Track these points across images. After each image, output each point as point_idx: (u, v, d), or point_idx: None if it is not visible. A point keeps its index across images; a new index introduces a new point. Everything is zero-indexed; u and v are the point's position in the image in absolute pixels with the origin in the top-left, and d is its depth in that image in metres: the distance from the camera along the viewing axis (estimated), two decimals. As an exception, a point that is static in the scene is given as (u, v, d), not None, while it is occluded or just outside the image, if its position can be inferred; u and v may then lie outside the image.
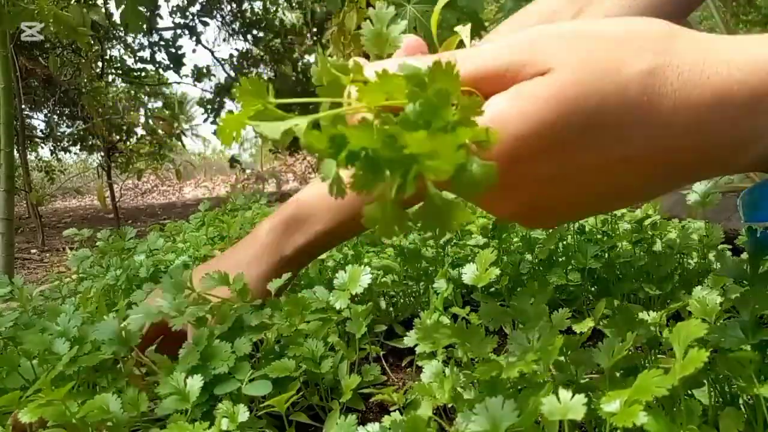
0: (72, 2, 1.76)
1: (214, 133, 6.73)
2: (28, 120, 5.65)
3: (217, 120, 6.75)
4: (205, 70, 6.46)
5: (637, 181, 0.38)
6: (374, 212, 0.29)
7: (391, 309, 0.88)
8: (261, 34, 6.49)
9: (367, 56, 0.41)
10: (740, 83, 0.34)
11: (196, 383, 0.51)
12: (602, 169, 0.36)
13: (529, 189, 0.37)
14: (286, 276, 0.71)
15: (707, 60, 0.35)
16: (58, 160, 6.94)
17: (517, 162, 0.33)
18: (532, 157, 0.34)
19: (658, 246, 0.89)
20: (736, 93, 0.34)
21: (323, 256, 0.98)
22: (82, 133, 5.87)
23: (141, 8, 1.87)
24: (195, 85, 6.43)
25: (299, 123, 0.29)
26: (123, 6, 1.83)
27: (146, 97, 6.75)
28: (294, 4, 6.12)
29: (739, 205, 0.51)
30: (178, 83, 11.29)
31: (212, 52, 6.63)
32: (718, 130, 0.35)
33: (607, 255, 0.83)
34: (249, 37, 6.54)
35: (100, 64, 5.34)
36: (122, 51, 6.26)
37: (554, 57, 0.34)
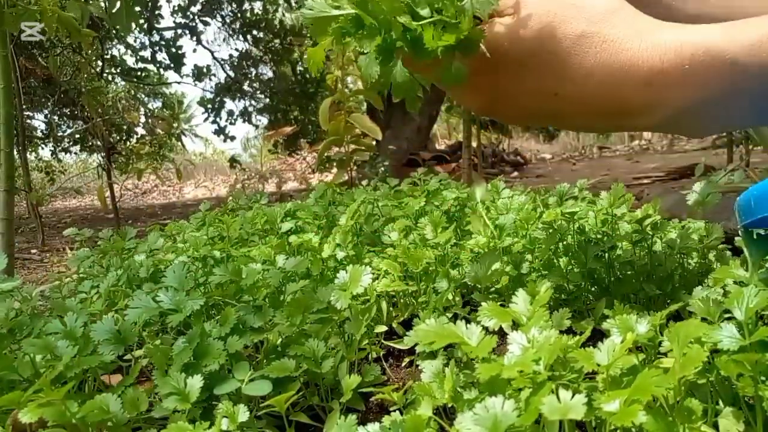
0: (70, -1, 1.75)
1: (215, 132, 6.75)
2: (28, 120, 5.65)
3: (218, 120, 6.75)
4: (205, 70, 6.47)
5: (568, 108, 0.51)
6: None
7: (390, 309, 0.88)
8: (261, 35, 6.49)
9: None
10: (644, 60, 0.46)
11: (196, 383, 0.51)
12: (542, 92, 0.50)
13: (501, 77, 0.51)
14: None
15: (627, 36, 0.46)
16: (59, 160, 6.94)
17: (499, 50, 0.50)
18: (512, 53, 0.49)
19: (658, 246, 0.89)
20: (639, 67, 0.46)
21: (324, 255, 0.98)
22: (82, 133, 5.87)
23: (137, 8, 1.86)
24: (195, 85, 6.45)
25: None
26: (117, 6, 1.82)
27: (146, 98, 6.75)
28: (294, 5, 6.12)
29: (735, 209, 0.51)
30: (179, 83, 11.29)
31: (212, 53, 6.64)
32: (623, 92, 0.47)
33: (607, 255, 0.83)
34: (249, 37, 6.54)
35: (100, 63, 5.34)
36: (123, 51, 6.27)
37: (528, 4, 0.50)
